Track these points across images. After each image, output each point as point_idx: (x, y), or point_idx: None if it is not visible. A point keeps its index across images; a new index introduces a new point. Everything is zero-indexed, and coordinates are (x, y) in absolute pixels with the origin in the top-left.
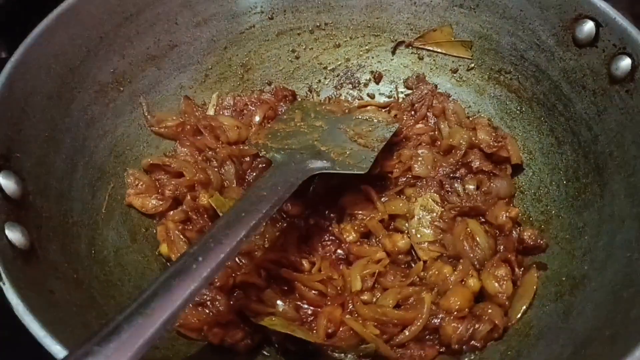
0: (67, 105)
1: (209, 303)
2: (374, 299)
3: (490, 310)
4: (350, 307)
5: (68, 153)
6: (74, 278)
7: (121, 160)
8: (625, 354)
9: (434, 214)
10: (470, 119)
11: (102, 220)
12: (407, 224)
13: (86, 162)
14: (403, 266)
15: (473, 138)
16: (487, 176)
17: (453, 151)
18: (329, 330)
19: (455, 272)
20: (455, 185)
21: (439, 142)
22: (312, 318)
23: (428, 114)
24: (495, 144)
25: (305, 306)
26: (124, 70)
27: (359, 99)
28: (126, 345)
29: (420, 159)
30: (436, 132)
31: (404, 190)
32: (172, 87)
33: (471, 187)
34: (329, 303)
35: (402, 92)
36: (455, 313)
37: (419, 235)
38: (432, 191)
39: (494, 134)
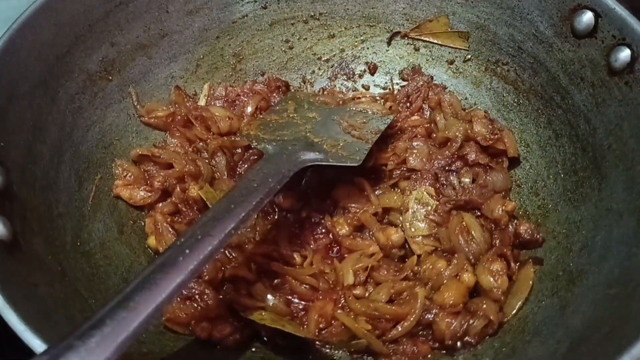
0: (54, 94)
1: (197, 297)
2: (367, 294)
3: (485, 306)
4: (342, 301)
5: (54, 143)
6: (58, 271)
7: (109, 151)
8: (623, 351)
9: (429, 208)
10: (467, 111)
11: (88, 212)
12: (401, 218)
13: (73, 152)
14: (396, 260)
15: (469, 130)
16: (483, 169)
17: (449, 144)
18: (320, 325)
19: (450, 267)
20: (451, 178)
21: (435, 135)
22: (303, 313)
23: (424, 105)
24: (492, 137)
25: (296, 300)
26: (113, 59)
27: (353, 90)
28: (109, 339)
29: (415, 151)
30: (432, 125)
31: (398, 183)
32: (163, 77)
33: (467, 180)
34: (321, 297)
35: (397, 84)
36: (449, 308)
37: (413, 229)
38: (427, 184)
39: (490, 127)
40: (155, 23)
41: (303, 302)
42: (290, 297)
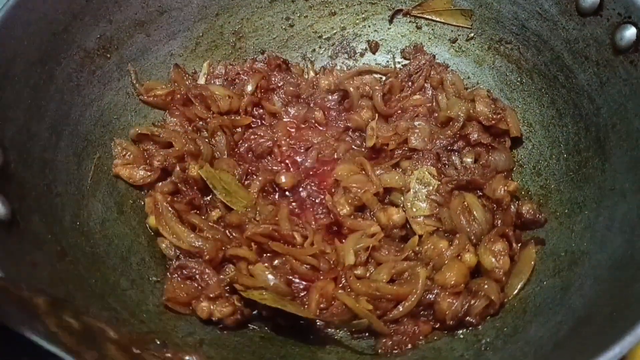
0: (51, 71)
1: (197, 277)
2: (368, 274)
3: (486, 286)
4: (343, 281)
5: (52, 121)
6: (57, 250)
7: (108, 130)
8: (625, 332)
9: (430, 188)
10: (469, 90)
11: (87, 191)
12: (402, 198)
13: (71, 131)
14: (398, 240)
15: (471, 110)
16: (485, 149)
17: (451, 123)
18: (321, 305)
19: (451, 247)
20: (453, 158)
21: (437, 114)
22: (304, 293)
23: (426, 84)
24: (494, 116)
25: (297, 280)
26: (111, 37)
27: None
28: None
29: (417, 130)
30: (434, 104)
31: (399, 163)
32: (162, 55)
33: (469, 160)
34: (322, 277)
35: (399, 62)
36: (450, 288)
37: (414, 209)
38: (428, 164)
39: (493, 106)
40: (154, 0)
41: (304, 282)
42: (291, 277)
